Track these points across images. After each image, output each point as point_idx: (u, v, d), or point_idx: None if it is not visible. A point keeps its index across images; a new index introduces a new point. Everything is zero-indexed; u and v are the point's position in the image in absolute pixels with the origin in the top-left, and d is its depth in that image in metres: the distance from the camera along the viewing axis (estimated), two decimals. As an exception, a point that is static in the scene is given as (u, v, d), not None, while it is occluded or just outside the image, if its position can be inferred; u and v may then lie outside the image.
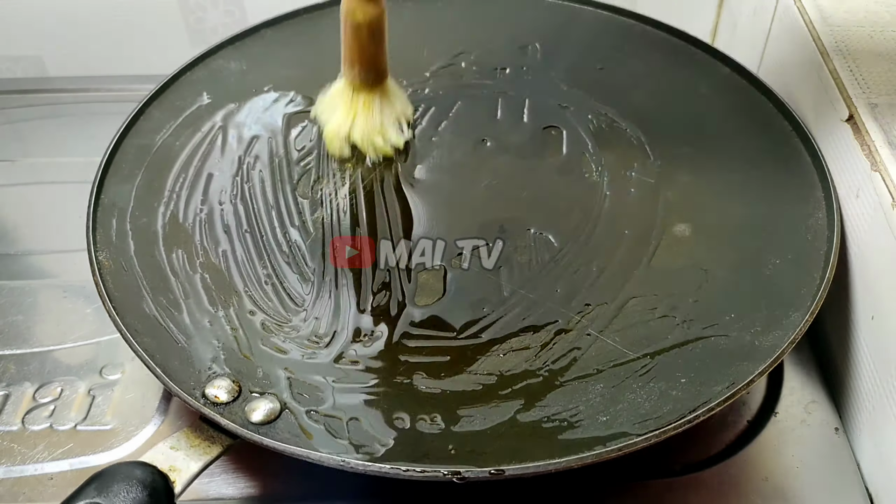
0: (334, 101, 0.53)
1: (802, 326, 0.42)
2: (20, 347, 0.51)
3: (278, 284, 0.46)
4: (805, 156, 0.52)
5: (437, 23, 0.64)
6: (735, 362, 0.42)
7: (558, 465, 0.38)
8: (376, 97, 0.52)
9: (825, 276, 0.45)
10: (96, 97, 0.69)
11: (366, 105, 0.52)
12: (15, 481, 0.45)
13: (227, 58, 0.60)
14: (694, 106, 0.56)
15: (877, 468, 0.45)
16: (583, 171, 0.53)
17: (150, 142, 0.54)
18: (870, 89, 0.49)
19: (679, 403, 0.40)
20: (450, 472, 0.37)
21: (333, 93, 0.53)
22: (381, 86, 0.52)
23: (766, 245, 0.47)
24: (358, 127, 0.52)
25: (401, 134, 0.54)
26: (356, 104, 0.52)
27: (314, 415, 0.40)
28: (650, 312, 0.45)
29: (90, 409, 0.47)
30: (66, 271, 0.55)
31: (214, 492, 0.44)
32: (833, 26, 0.53)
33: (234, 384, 0.41)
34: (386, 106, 0.53)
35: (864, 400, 0.46)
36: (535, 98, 0.57)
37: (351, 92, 0.52)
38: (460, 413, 0.41)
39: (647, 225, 0.49)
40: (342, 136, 0.52)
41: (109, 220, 0.49)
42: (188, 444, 0.39)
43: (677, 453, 0.46)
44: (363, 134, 0.52)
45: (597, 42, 0.61)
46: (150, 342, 0.43)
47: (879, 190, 0.44)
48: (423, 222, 0.50)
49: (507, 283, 0.46)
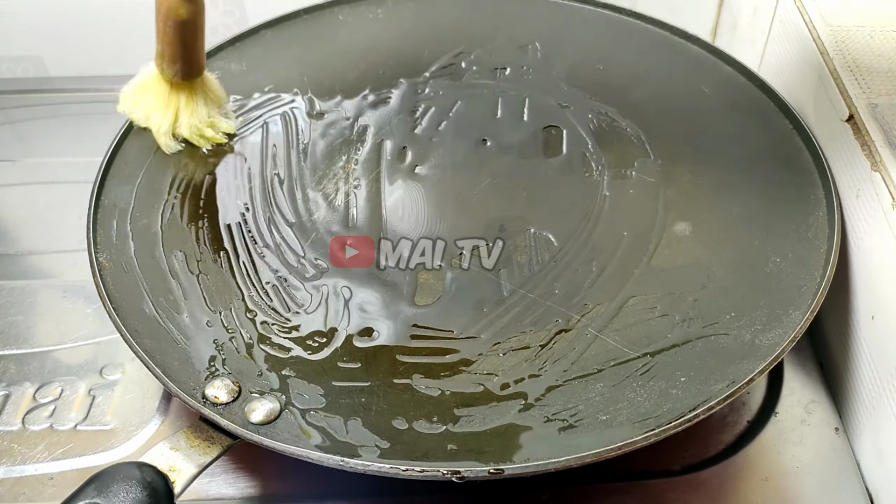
0: (146, 96, 0.53)
1: (802, 325, 0.42)
2: (20, 347, 0.51)
3: (278, 285, 0.46)
4: (805, 155, 0.52)
5: (437, 23, 0.64)
6: (735, 361, 0.42)
7: (558, 464, 0.38)
8: (198, 90, 0.53)
9: (825, 275, 0.45)
10: (96, 97, 0.69)
11: (188, 100, 0.53)
12: (15, 481, 0.45)
13: (227, 59, 0.60)
14: (694, 105, 0.56)
15: (877, 468, 0.44)
16: (583, 170, 0.53)
17: (151, 142, 0.54)
18: (870, 89, 0.49)
19: (679, 402, 0.40)
20: (449, 471, 0.37)
21: (142, 86, 0.53)
22: (201, 78, 0.53)
23: (767, 244, 0.47)
24: (184, 123, 0.53)
25: (228, 120, 0.55)
26: (176, 100, 0.53)
27: (314, 415, 0.40)
28: (650, 311, 0.45)
29: (90, 410, 0.48)
30: (66, 271, 0.55)
31: (214, 492, 0.44)
32: (833, 26, 0.53)
33: (234, 385, 0.41)
34: (208, 97, 0.54)
35: (864, 400, 0.46)
36: (535, 97, 0.57)
37: (168, 87, 0.52)
38: (459, 413, 0.41)
39: (647, 224, 0.49)
40: (166, 132, 0.53)
41: (110, 221, 0.49)
42: (188, 444, 0.39)
43: (677, 453, 0.46)
44: (191, 128, 0.53)
45: (597, 41, 0.62)
46: (150, 343, 0.43)
47: (879, 190, 0.44)
48: (423, 222, 0.50)
49: (507, 282, 0.46)
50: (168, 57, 0.51)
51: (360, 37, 0.62)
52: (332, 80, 0.59)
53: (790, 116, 0.54)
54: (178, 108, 0.53)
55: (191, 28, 0.50)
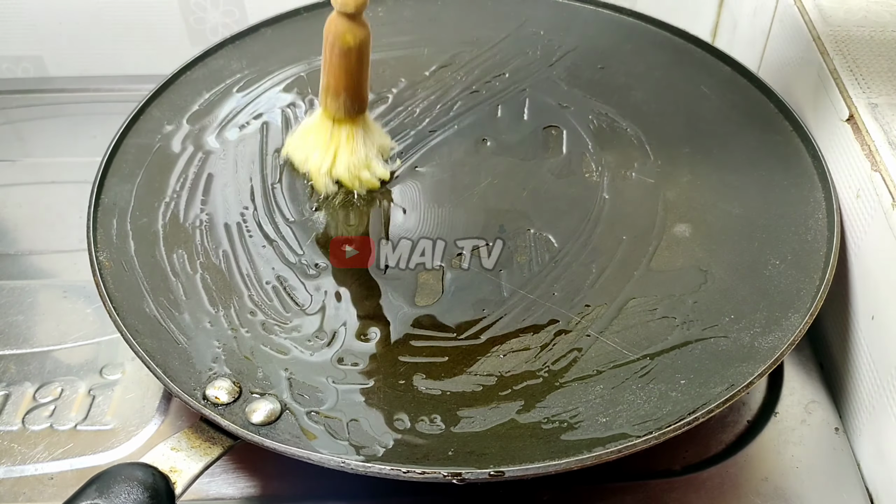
0: (309, 136, 0.51)
1: (802, 328, 0.42)
2: (20, 347, 0.51)
3: (278, 285, 0.46)
4: (805, 156, 0.52)
5: (437, 23, 0.64)
6: (734, 364, 0.42)
7: (558, 466, 0.38)
8: (359, 129, 0.51)
9: (825, 277, 0.45)
10: (96, 97, 0.69)
11: (349, 138, 0.50)
12: (15, 481, 0.45)
13: (228, 57, 0.60)
14: (694, 106, 0.56)
15: (877, 468, 0.45)
16: (583, 170, 0.53)
17: (151, 141, 0.54)
18: (870, 89, 0.49)
19: (678, 405, 0.40)
20: (450, 473, 0.37)
21: (307, 128, 0.52)
22: (363, 116, 0.51)
23: (766, 246, 0.47)
24: (342, 161, 0.51)
25: (385, 165, 0.52)
26: (337, 138, 0.50)
27: (314, 416, 0.40)
28: (650, 313, 0.45)
29: (90, 409, 0.48)
30: (66, 271, 0.55)
31: (215, 492, 0.44)
32: (833, 26, 0.53)
33: (235, 385, 0.41)
34: (368, 138, 0.51)
35: (864, 400, 0.46)
36: (536, 98, 0.57)
37: (331, 125, 0.50)
38: (460, 414, 0.41)
39: (647, 225, 0.49)
40: (325, 173, 0.51)
41: (110, 220, 0.49)
42: (189, 444, 0.39)
43: (678, 453, 0.46)
44: (349, 168, 0.51)
45: (597, 42, 0.62)
46: (150, 343, 0.43)
47: (879, 190, 0.44)
48: (423, 222, 0.50)
49: (507, 283, 0.46)
50: (333, 89, 0.49)
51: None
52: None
53: (790, 117, 0.54)
54: (337, 147, 0.51)
55: (358, 56, 0.48)
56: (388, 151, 0.53)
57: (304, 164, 0.52)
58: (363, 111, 0.51)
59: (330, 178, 0.51)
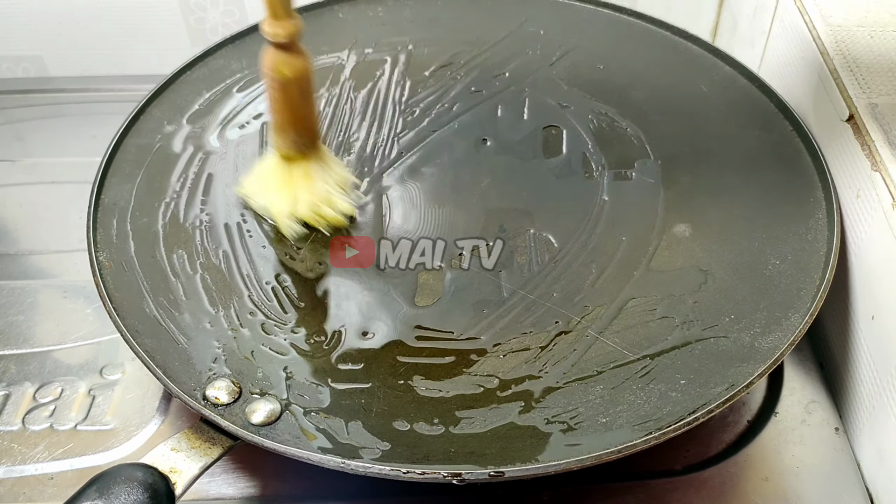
0: (265, 178, 0.49)
1: (802, 328, 0.42)
2: (20, 347, 0.51)
3: (278, 285, 0.46)
4: (805, 156, 0.52)
5: (437, 22, 0.64)
6: (734, 364, 0.42)
7: (558, 467, 0.38)
8: (313, 164, 0.48)
9: (825, 277, 0.45)
10: (96, 97, 0.69)
11: (306, 175, 0.48)
12: (15, 481, 0.45)
13: (228, 57, 0.60)
14: (694, 105, 0.56)
15: (877, 468, 0.45)
16: (583, 170, 0.53)
17: (151, 141, 0.54)
18: (870, 89, 0.49)
19: (678, 405, 0.40)
20: (450, 473, 0.37)
21: (262, 170, 0.50)
22: (316, 151, 0.49)
23: (766, 245, 0.47)
24: (303, 201, 0.48)
25: (349, 200, 0.50)
26: (294, 176, 0.48)
27: (314, 416, 0.40)
28: (650, 314, 0.45)
29: (90, 409, 0.48)
30: (66, 271, 0.55)
31: (215, 491, 0.44)
32: (833, 26, 0.53)
33: (235, 385, 0.41)
34: (325, 172, 0.49)
35: (864, 400, 0.46)
36: (535, 97, 0.57)
37: (284, 164, 0.48)
38: (460, 415, 0.41)
39: (647, 225, 0.49)
40: (288, 214, 0.48)
41: (110, 220, 0.49)
42: (189, 445, 0.39)
43: (678, 452, 0.46)
44: (311, 207, 0.48)
45: (597, 41, 0.62)
46: (150, 343, 0.43)
47: (879, 190, 0.44)
48: (423, 222, 0.50)
49: (507, 283, 0.46)
50: (278, 126, 0.47)
51: (360, 35, 0.62)
52: (330, 78, 0.59)
53: (790, 117, 0.54)
54: (296, 187, 0.48)
55: (297, 89, 0.45)
56: (348, 184, 0.51)
57: (265, 209, 0.49)
58: (315, 144, 0.48)
59: (295, 221, 0.49)
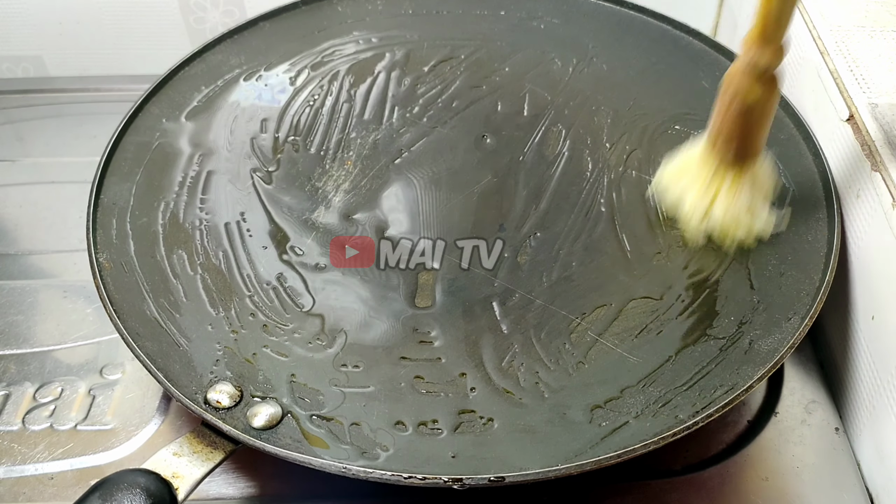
0: (686, 175, 0.48)
1: (802, 330, 0.42)
2: (20, 347, 0.51)
3: (279, 286, 0.46)
4: (805, 155, 0.52)
5: (438, 17, 0.63)
6: (734, 367, 0.42)
7: (558, 471, 0.38)
8: (747, 174, 0.46)
9: (825, 279, 0.44)
10: (96, 97, 0.69)
11: (734, 182, 0.46)
12: (15, 481, 0.45)
13: (226, 52, 0.60)
14: (696, 102, 0.56)
15: (877, 468, 0.45)
16: (583, 168, 0.52)
17: (150, 139, 0.53)
18: (870, 89, 0.49)
19: (678, 408, 0.40)
20: (451, 478, 0.37)
21: (684, 165, 0.48)
22: (754, 165, 0.47)
23: (766, 247, 0.47)
24: (719, 207, 0.46)
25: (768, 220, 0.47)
26: (720, 182, 0.46)
27: (316, 419, 0.40)
28: (650, 314, 0.45)
29: (90, 409, 0.48)
30: (66, 271, 0.55)
31: (215, 492, 0.44)
32: (833, 26, 0.53)
33: (236, 389, 0.41)
34: (756, 188, 0.47)
35: (864, 400, 0.46)
36: (536, 94, 0.57)
37: (715, 165, 0.46)
38: (461, 418, 0.41)
39: (647, 225, 0.49)
40: (700, 215, 0.47)
41: (110, 220, 0.49)
42: (191, 450, 0.39)
43: (678, 453, 0.46)
44: (726, 213, 0.46)
45: (598, 36, 0.61)
46: (151, 346, 0.43)
47: (879, 190, 0.44)
48: (423, 222, 0.50)
49: (507, 283, 0.46)
50: (724, 135, 0.45)
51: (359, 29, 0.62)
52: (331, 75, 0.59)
53: (790, 116, 0.54)
54: (717, 191, 0.46)
55: (760, 112, 0.44)
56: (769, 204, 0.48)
57: (675, 206, 0.48)
58: (756, 157, 0.46)
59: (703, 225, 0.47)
